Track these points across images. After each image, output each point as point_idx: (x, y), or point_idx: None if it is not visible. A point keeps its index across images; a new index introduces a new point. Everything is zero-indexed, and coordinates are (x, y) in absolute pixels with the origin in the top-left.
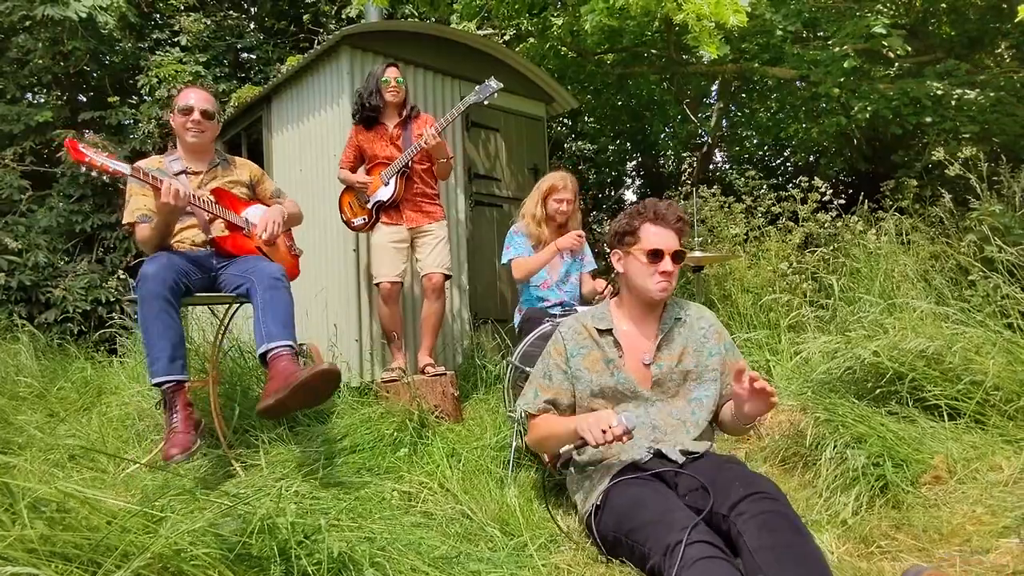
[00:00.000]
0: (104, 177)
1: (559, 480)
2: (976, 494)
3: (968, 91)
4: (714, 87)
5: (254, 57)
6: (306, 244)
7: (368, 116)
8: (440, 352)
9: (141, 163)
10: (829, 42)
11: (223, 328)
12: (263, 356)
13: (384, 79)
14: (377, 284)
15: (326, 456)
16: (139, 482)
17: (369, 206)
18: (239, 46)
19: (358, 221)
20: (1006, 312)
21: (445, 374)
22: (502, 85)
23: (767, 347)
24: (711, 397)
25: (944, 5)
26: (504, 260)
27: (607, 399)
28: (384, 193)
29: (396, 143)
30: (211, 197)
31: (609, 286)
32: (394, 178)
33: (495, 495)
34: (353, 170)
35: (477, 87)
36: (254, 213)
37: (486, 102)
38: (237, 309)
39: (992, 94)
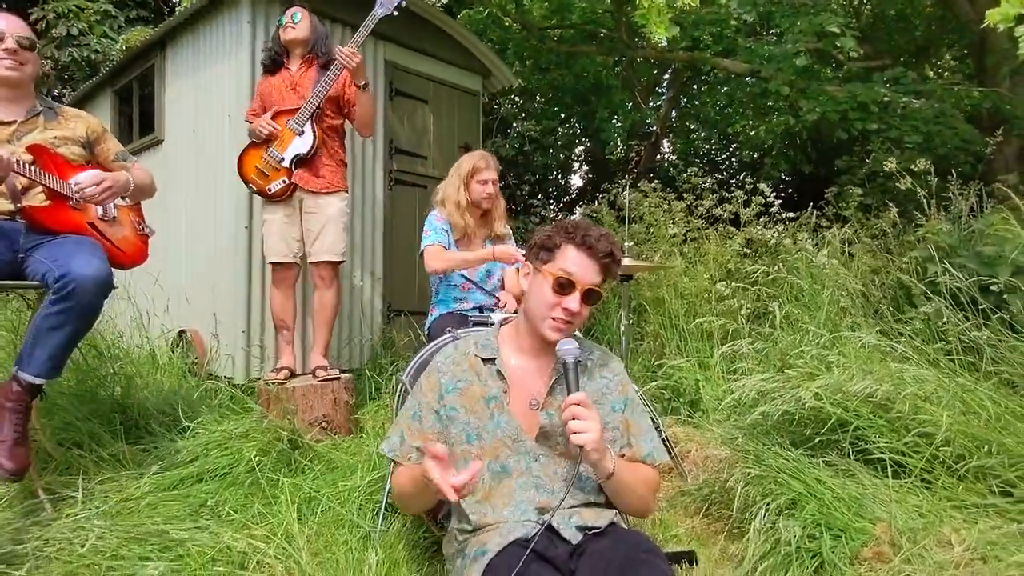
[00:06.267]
0: None
1: (437, 538)
2: None
3: (914, 100)
4: (666, 76)
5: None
6: (197, 217)
7: (273, 59)
8: (345, 347)
9: None
10: (783, 38)
11: None
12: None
13: (280, 18)
14: (271, 264)
15: (164, 487)
16: None
17: (286, 164)
18: None
19: (276, 185)
20: (946, 338)
21: (339, 378)
22: None
23: (698, 362)
24: None
25: (893, 12)
26: (423, 246)
27: (484, 446)
28: (301, 145)
29: (298, 89)
30: (27, 156)
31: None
32: (308, 123)
33: (354, 557)
34: None
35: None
36: (87, 179)
37: (395, 12)
38: None
39: (936, 105)
